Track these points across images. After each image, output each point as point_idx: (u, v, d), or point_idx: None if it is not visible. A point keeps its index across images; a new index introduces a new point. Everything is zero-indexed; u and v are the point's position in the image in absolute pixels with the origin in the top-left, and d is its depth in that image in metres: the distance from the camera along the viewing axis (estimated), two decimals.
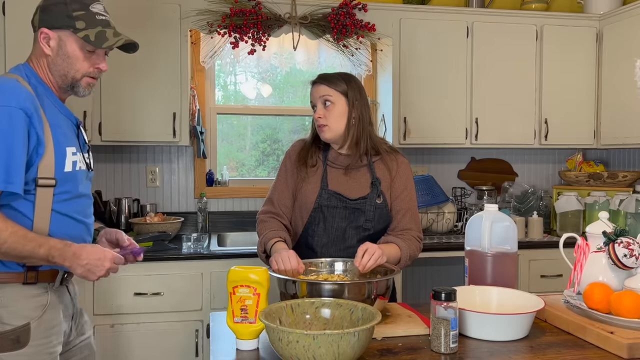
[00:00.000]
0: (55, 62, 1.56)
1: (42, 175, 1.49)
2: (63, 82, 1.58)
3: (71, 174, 1.55)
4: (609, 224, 1.60)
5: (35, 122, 1.46)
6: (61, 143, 1.53)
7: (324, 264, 1.78)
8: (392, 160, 1.97)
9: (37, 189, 1.49)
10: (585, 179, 3.49)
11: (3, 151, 1.41)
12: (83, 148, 1.65)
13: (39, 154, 1.48)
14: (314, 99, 1.93)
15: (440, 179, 3.60)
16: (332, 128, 1.89)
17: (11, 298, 1.50)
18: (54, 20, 1.54)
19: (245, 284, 1.40)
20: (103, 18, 1.59)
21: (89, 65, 1.58)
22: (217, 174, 3.57)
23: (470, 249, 1.77)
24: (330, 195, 1.90)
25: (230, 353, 1.38)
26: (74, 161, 1.57)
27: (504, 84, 3.45)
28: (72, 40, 1.55)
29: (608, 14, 3.47)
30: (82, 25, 1.54)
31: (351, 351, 1.17)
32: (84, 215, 1.63)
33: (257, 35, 3.13)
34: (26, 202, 1.49)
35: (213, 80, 3.58)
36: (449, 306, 1.32)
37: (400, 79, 3.33)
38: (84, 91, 1.61)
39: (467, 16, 3.41)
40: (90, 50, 1.57)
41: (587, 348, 1.38)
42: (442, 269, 3.76)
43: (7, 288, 1.50)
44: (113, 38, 1.56)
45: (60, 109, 1.60)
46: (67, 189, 1.55)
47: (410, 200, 1.95)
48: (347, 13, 3.22)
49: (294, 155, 1.99)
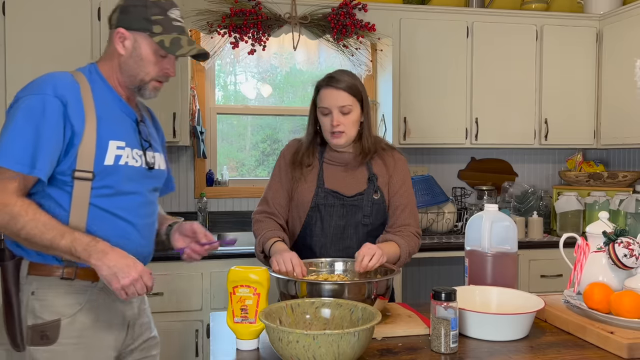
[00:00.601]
0: (127, 63, 1.55)
1: (81, 167, 1.46)
2: (131, 83, 1.57)
3: (112, 168, 1.49)
4: (609, 224, 1.60)
5: (71, 111, 1.44)
6: (104, 136, 1.49)
7: (324, 263, 1.78)
8: (389, 157, 1.96)
9: (75, 181, 1.45)
10: (585, 179, 3.49)
11: (31, 137, 1.40)
12: (144, 145, 1.60)
13: (74, 144, 1.45)
14: (329, 105, 1.85)
15: (440, 179, 3.60)
16: (348, 134, 1.88)
17: (46, 291, 1.47)
18: (132, 22, 1.54)
19: (246, 284, 1.40)
20: (179, 24, 1.57)
21: (158, 69, 1.57)
22: (217, 174, 3.57)
23: (470, 249, 1.77)
24: (327, 193, 1.89)
25: (230, 353, 1.38)
26: (118, 155, 1.51)
27: (504, 84, 3.45)
28: (146, 43, 1.54)
29: (608, 14, 3.47)
30: (158, 30, 1.53)
31: (351, 351, 1.17)
32: (134, 214, 1.55)
33: (257, 35, 3.13)
34: (63, 193, 1.46)
35: (213, 80, 3.59)
36: (449, 306, 1.32)
37: (400, 79, 3.33)
38: (150, 94, 1.60)
39: (467, 16, 3.41)
40: (163, 55, 1.56)
41: (587, 348, 1.38)
42: (442, 269, 3.76)
43: (44, 281, 1.47)
44: (187, 46, 1.54)
45: (120, 105, 1.58)
46: (108, 184, 1.49)
47: (408, 195, 1.95)
48: (347, 13, 3.22)
49: (288, 156, 1.98)
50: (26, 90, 1.46)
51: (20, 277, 1.49)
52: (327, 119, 1.87)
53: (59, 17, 2.87)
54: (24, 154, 1.39)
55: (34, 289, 1.47)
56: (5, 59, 2.83)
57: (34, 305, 1.46)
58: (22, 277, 1.49)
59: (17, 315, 1.46)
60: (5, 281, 1.48)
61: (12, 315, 1.46)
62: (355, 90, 1.87)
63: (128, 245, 1.50)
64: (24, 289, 1.48)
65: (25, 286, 1.48)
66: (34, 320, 1.46)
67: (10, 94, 2.83)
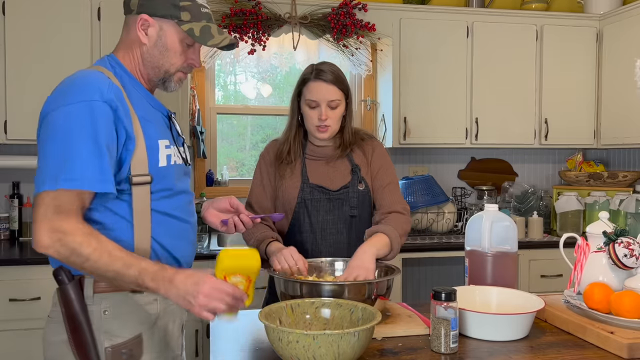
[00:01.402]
0: (151, 53, 1.42)
1: (136, 172, 1.34)
2: (155, 75, 1.45)
3: (166, 169, 1.40)
4: (609, 224, 1.60)
5: (122, 115, 1.31)
6: (152, 136, 1.38)
7: (324, 263, 1.78)
8: (367, 146, 1.96)
9: (133, 188, 1.34)
10: (585, 179, 3.49)
11: (91, 150, 1.25)
12: (177, 141, 1.50)
13: (129, 150, 1.33)
14: (318, 98, 1.84)
15: (440, 179, 3.60)
16: (333, 128, 1.89)
17: (120, 308, 1.36)
18: (158, 8, 1.39)
19: (239, 272, 1.32)
20: (207, 11, 1.45)
21: (184, 59, 1.45)
22: (217, 174, 3.57)
23: (471, 249, 1.77)
24: (312, 188, 1.88)
25: (230, 353, 1.38)
26: (168, 155, 1.42)
27: (504, 84, 3.45)
28: (173, 31, 1.41)
29: (608, 14, 3.47)
30: (187, 17, 1.40)
31: (351, 351, 1.17)
32: (187, 213, 1.48)
33: (257, 35, 3.13)
34: (122, 203, 1.34)
35: (213, 80, 3.59)
36: (449, 306, 1.32)
37: (400, 79, 3.33)
38: (175, 86, 1.49)
39: (467, 16, 3.41)
40: (189, 44, 1.44)
41: (587, 348, 1.38)
42: (442, 269, 3.76)
43: (116, 297, 1.35)
44: (218, 36, 1.42)
45: (149, 100, 1.47)
46: (165, 186, 1.40)
47: (388, 175, 1.93)
48: (347, 13, 3.22)
49: (270, 155, 1.96)
50: (66, 98, 1.29)
51: (86, 298, 1.34)
52: (314, 112, 1.87)
53: (59, 17, 2.87)
54: (89, 169, 1.25)
55: (105, 308, 1.35)
56: (5, 59, 2.83)
57: (110, 325, 1.34)
58: (88, 298, 1.34)
59: (91, 340, 1.32)
60: (68, 306, 1.32)
61: (83, 341, 1.32)
62: (343, 84, 1.88)
63: (188, 247, 1.47)
64: (92, 310, 1.34)
65: (94, 307, 1.34)
66: (112, 340, 1.34)
67: (10, 94, 2.84)
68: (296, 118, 1.96)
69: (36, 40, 2.85)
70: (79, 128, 1.25)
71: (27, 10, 2.85)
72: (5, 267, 2.63)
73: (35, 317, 2.61)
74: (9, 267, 2.63)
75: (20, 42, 2.84)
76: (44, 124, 1.30)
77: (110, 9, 2.91)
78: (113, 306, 1.35)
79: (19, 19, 2.83)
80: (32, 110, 2.85)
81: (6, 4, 2.82)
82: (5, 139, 2.87)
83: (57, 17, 2.86)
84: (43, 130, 1.30)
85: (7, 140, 2.87)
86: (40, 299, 2.62)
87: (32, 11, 2.85)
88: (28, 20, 2.84)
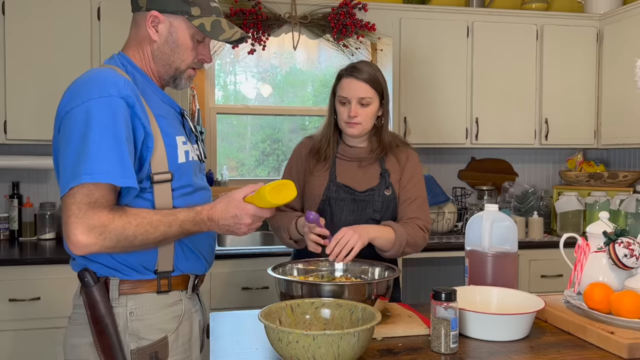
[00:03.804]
0: (161, 50, 1.41)
1: (156, 170, 1.34)
2: (166, 72, 1.44)
3: (185, 165, 1.40)
4: (610, 224, 1.60)
5: (139, 112, 1.30)
6: (169, 133, 1.38)
7: (324, 263, 1.77)
8: (401, 153, 1.95)
9: (154, 186, 1.34)
10: (585, 178, 3.49)
11: (111, 144, 1.24)
12: (191, 138, 1.50)
13: (149, 147, 1.32)
14: (348, 95, 1.85)
15: (440, 179, 3.60)
16: (364, 126, 1.88)
17: (146, 310, 1.36)
18: (168, 4, 1.37)
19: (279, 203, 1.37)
20: (215, 5, 1.43)
21: (194, 55, 1.44)
22: (217, 174, 3.57)
23: (471, 249, 1.77)
24: (339, 187, 1.89)
25: (230, 353, 1.38)
26: (186, 151, 1.41)
27: (504, 83, 3.45)
28: (184, 27, 1.39)
29: (608, 14, 3.47)
30: (197, 12, 1.38)
31: (351, 351, 1.17)
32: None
33: (257, 35, 3.13)
34: (144, 202, 1.34)
35: (213, 80, 3.58)
36: (449, 306, 1.32)
37: (400, 79, 3.33)
38: (185, 83, 1.48)
39: (467, 16, 3.41)
40: (200, 39, 1.43)
41: (587, 348, 1.37)
42: (442, 269, 3.75)
43: (141, 298, 1.36)
44: (230, 30, 1.41)
45: (162, 97, 1.45)
46: (186, 182, 1.40)
47: (418, 189, 1.92)
48: (347, 13, 3.22)
49: (302, 152, 1.98)
50: (85, 95, 1.27)
51: (111, 300, 1.34)
52: (344, 108, 1.88)
53: (59, 17, 2.87)
54: (110, 163, 1.24)
55: (131, 309, 1.35)
56: (5, 59, 2.83)
57: (137, 327, 1.35)
58: (113, 299, 1.35)
59: (117, 342, 1.32)
60: (94, 308, 1.32)
61: (110, 343, 1.32)
62: (376, 83, 1.87)
63: (210, 243, 1.49)
64: (118, 312, 1.34)
65: (120, 308, 1.35)
66: (139, 342, 1.34)
67: (10, 94, 2.84)
68: (332, 116, 1.96)
69: (36, 40, 2.85)
70: (100, 123, 1.24)
71: (27, 10, 2.85)
72: (5, 267, 2.62)
73: (35, 317, 2.62)
74: (9, 267, 2.63)
75: (20, 42, 2.84)
76: (65, 122, 1.28)
77: (110, 9, 2.91)
78: (140, 307, 1.36)
79: (18, 19, 2.83)
80: (32, 110, 2.88)
81: (6, 4, 2.82)
82: (5, 139, 2.86)
83: (57, 17, 2.86)
84: (64, 129, 1.28)
85: (7, 140, 2.87)
86: (40, 299, 2.62)
87: (32, 11, 2.85)
88: (28, 20, 2.84)
